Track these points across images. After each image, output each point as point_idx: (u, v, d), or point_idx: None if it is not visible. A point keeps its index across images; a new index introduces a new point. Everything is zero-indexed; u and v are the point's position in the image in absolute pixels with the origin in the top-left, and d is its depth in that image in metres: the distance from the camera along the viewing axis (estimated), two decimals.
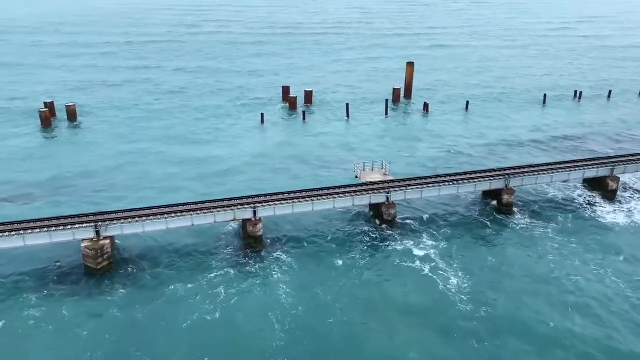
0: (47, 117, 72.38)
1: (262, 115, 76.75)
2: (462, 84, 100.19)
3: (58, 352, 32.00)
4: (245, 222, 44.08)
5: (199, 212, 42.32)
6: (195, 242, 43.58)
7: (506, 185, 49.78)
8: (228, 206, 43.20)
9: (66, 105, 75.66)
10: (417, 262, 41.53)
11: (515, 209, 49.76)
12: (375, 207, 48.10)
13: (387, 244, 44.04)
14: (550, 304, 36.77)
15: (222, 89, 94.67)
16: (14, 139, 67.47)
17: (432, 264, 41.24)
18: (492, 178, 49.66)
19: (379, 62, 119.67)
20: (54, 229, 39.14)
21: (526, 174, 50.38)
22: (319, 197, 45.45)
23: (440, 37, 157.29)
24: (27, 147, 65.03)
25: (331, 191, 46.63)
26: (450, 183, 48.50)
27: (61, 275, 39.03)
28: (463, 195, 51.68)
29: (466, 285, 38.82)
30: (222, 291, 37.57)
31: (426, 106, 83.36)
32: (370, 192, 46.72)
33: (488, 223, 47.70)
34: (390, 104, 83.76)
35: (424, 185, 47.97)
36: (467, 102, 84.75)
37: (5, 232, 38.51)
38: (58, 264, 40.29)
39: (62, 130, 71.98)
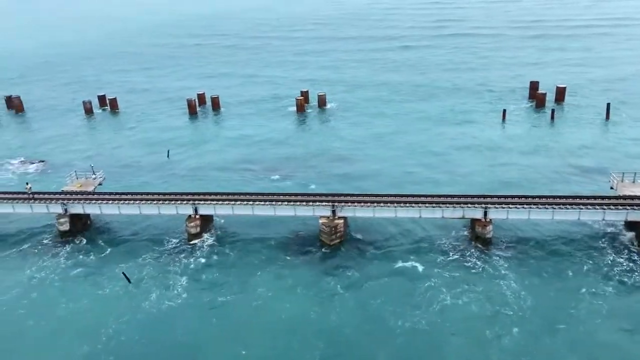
0: (302, 104, 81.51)
1: (504, 112, 72.29)
2: None
3: (286, 317, 35.47)
4: (474, 221, 42.42)
5: (427, 205, 42.31)
6: (422, 236, 43.50)
7: None
8: (458, 203, 42.14)
9: (318, 95, 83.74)
10: None
11: None
12: (633, 226, 40.98)
13: None
14: None
15: (462, 83, 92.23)
16: (275, 121, 77.60)
17: None
18: None
19: None
20: (298, 204, 43.96)
21: None
22: (561, 206, 40.85)
23: None
24: (284, 129, 73.83)
25: (577, 200, 41.47)
26: None
27: (299, 246, 43.37)
28: None
29: None
30: (439, 293, 36.34)
31: None
32: (628, 207, 39.97)
33: None
34: None
35: None
36: None
37: (263, 201, 44.64)
38: (299, 234, 44.93)
39: (313, 115, 79.89)
